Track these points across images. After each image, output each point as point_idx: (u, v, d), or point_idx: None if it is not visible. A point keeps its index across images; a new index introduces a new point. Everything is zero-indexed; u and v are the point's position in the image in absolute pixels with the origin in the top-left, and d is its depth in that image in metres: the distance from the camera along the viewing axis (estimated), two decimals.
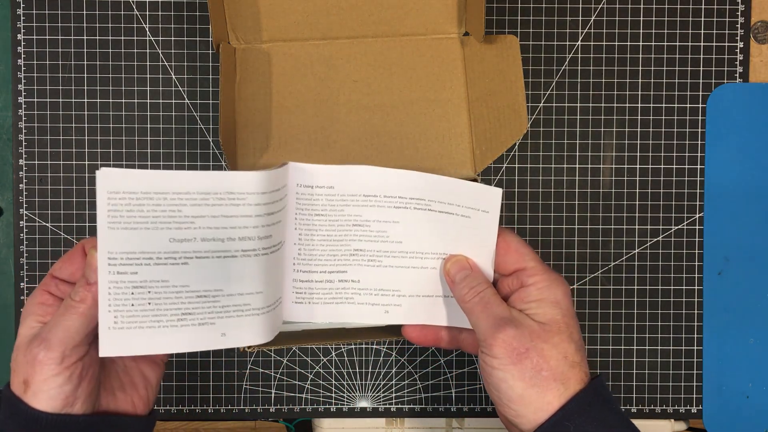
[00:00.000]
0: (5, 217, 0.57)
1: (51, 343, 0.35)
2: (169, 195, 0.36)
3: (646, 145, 0.57)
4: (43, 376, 0.35)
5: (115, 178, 0.35)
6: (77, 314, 0.36)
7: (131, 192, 0.35)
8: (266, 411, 0.57)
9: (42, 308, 0.38)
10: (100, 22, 0.55)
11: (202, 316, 0.37)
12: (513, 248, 0.41)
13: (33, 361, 0.35)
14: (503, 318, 0.37)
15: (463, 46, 0.49)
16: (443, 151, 0.48)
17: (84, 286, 0.36)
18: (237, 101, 0.49)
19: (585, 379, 0.37)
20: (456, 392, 0.57)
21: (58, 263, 0.39)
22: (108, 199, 0.35)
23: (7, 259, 0.57)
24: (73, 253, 0.39)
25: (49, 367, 0.35)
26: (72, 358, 0.35)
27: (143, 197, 0.35)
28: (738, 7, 0.56)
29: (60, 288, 0.38)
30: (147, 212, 0.36)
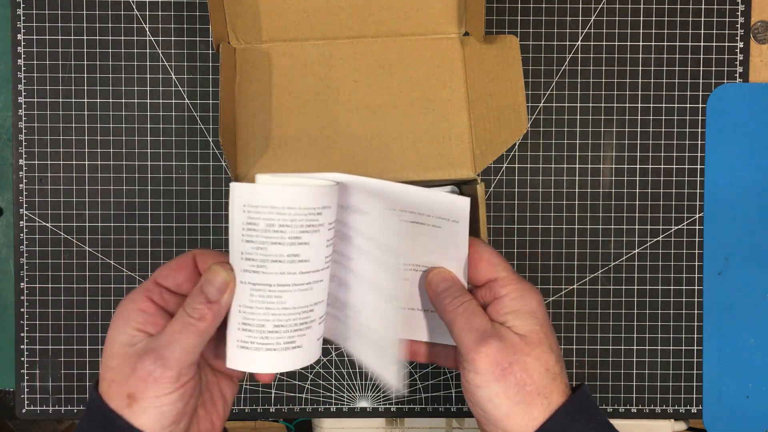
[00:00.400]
0: (5, 217, 0.57)
1: (168, 361, 0.33)
2: (302, 210, 0.34)
3: (646, 145, 0.57)
4: (158, 393, 0.33)
5: (252, 193, 0.34)
6: (196, 332, 0.34)
7: (265, 207, 0.34)
8: (266, 411, 0.57)
9: (142, 316, 0.35)
10: (100, 22, 0.55)
11: (315, 330, 0.37)
12: (485, 258, 0.39)
13: (147, 377, 0.33)
14: (486, 331, 0.36)
15: (463, 46, 0.49)
16: (443, 151, 0.48)
17: (204, 303, 0.34)
18: (237, 101, 0.49)
19: (566, 391, 0.37)
20: (456, 392, 0.57)
21: (163, 269, 0.37)
22: (244, 213, 0.34)
23: (7, 259, 0.57)
24: (182, 263, 0.37)
25: (165, 385, 0.33)
26: (186, 377, 0.34)
27: (276, 212, 0.34)
28: (738, 7, 0.56)
29: (164, 297, 0.37)
30: (281, 228, 0.34)
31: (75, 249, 0.56)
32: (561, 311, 0.57)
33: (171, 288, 0.37)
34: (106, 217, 0.56)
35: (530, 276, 0.57)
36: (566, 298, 0.57)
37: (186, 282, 0.37)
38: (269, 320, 0.35)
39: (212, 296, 0.34)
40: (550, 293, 0.57)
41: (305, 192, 0.34)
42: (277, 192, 0.34)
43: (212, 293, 0.34)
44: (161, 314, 0.36)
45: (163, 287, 0.37)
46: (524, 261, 0.57)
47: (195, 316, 0.34)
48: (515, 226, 0.57)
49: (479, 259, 0.39)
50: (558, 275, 0.57)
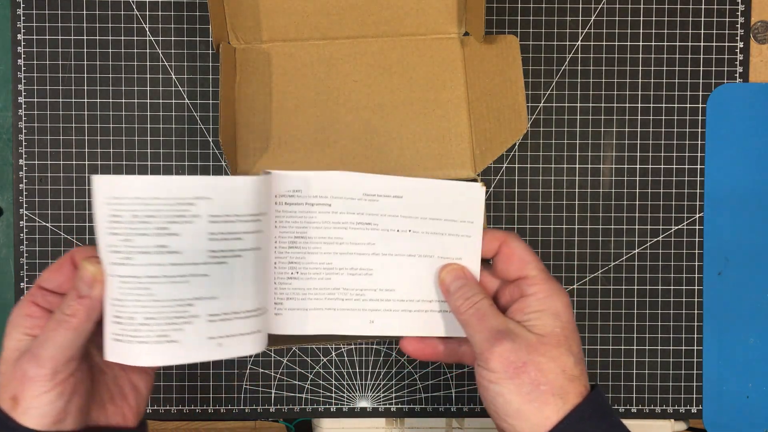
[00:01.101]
0: (5, 217, 0.57)
1: (42, 359, 0.34)
2: (168, 200, 0.34)
3: (646, 145, 0.57)
4: (34, 392, 0.34)
5: (113, 184, 0.34)
6: (69, 329, 0.34)
7: (127, 198, 0.34)
8: (266, 411, 0.57)
9: (29, 320, 0.36)
10: (100, 22, 0.55)
11: (200, 327, 0.36)
12: (516, 255, 0.39)
13: (23, 377, 0.34)
14: (500, 330, 0.36)
15: (463, 46, 0.49)
16: (443, 151, 0.48)
17: (76, 299, 0.35)
18: (237, 101, 0.49)
19: (584, 392, 0.36)
20: (456, 392, 0.57)
21: (45, 273, 0.37)
22: (107, 205, 0.34)
23: (7, 259, 0.57)
24: (61, 264, 0.37)
25: (40, 383, 0.34)
26: (63, 373, 0.34)
27: (139, 203, 0.34)
28: (738, 7, 0.56)
29: (48, 299, 0.37)
30: (146, 219, 0.34)
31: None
32: None
33: (53, 290, 0.37)
34: None
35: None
36: None
37: (67, 282, 0.37)
38: (139, 312, 0.35)
39: (83, 291, 0.35)
40: None
41: (170, 181, 0.34)
42: (139, 182, 0.34)
43: (82, 288, 0.35)
44: (47, 317, 0.36)
45: (47, 290, 0.37)
46: None
47: (68, 313, 0.34)
48: (515, 226, 0.57)
49: (511, 256, 0.39)
50: (558, 275, 0.57)
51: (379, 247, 0.40)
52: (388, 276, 0.41)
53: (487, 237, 0.40)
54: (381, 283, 0.41)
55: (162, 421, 0.58)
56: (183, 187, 0.34)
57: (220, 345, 0.37)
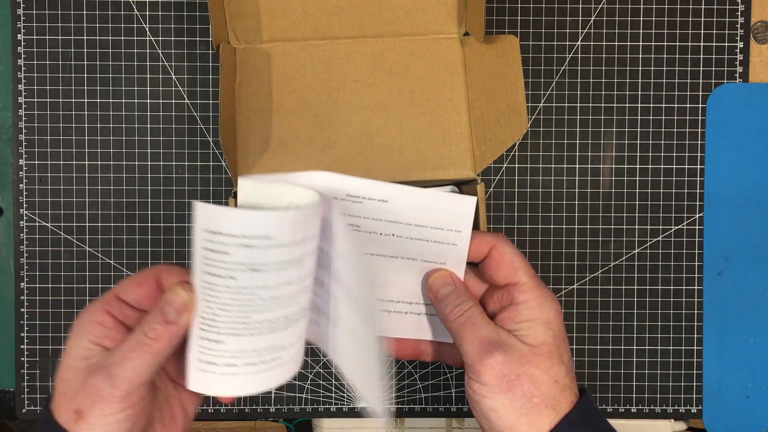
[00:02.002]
0: (5, 217, 0.57)
1: (118, 379, 0.32)
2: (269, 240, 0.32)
3: (646, 145, 0.57)
4: (104, 412, 0.33)
5: (215, 216, 0.32)
6: (150, 353, 0.33)
7: (219, 232, 0.32)
8: (266, 411, 0.57)
9: (100, 329, 0.35)
10: (100, 22, 0.55)
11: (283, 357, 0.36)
12: (507, 260, 0.38)
13: (95, 394, 0.33)
14: (491, 342, 0.36)
15: (463, 46, 0.49)
16: (443, 151, 0.48)
17: (162, 324, 0.33)
18: (237, 101, 0.49)
19: (574, 400, 0.36)
20: (456, 392, 0.57)
21: (125, 284, 0.36)
22: (205, 240, 0.32)
23: (7, 259, 0.57)
24: (143, 278, 0.36)
25: (112, 404, 0.33)
26: (135, 397, 0.33)
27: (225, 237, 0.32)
28: (738, 7, 0.56)
29: (123, 311, 0.35)
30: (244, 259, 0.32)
31: (75, 249, 0.56)
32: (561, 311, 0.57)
33: (131, 303, 0.36)
34: (106, 217, 0.56)
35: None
36: (566, 298, 0.57)
37: (147, 298, 0.36)
38: (231, 342, 0.34)
39: (170, 317, 0.33)
40: None
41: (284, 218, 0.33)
42: (252, 218, 0.32)
43: (170, 314, 0.33)
44: (119, 329, 0.35)
45: (124, 302, 0.36)
46: None
47: (151, 336, 0.33)
48: (515, 226, 0.57)
49: (501, 261, 0.38)
50: (558, 275, 0.57)
51: (362, 248, 0.39)
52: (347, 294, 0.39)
53: (476, 240, 0.39)
54: (342, 300, 0.40)
55: None
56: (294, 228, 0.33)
57: (296, 363, 0.37)
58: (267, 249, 0.32)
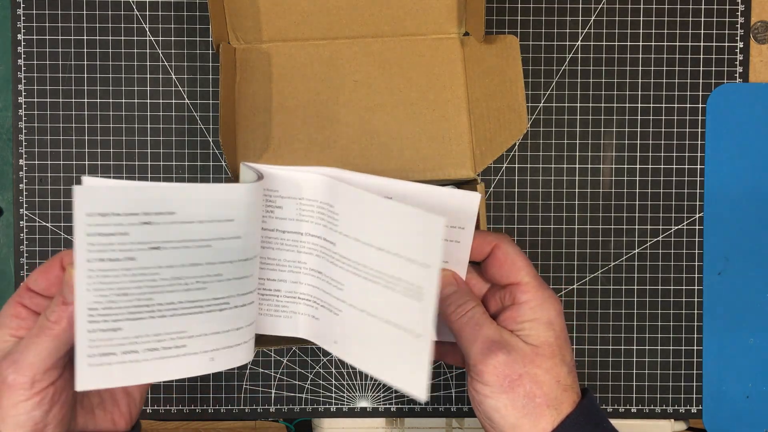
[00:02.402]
0: (5, 217, 0.57)
1: (21, 365, 0.32)
2: (153, 213, 0.32)
3: (646, 145, 0.57)
4: (11, 401, 0.32)
5: (96, 195, 0.32)
6: (51, 336, 0.33)
7: (112, 212, 0.32)
8: (266, 411, 0.57)
9: (15, 321, 0.35)
10: (100, 22, 0.55)
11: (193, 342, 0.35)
12: (509, 260, 0.38)
13: (2, 383, 0.32)
14: (494, 342, 0.35)
15: (463, 46, 0.49)
16: (443, 151, 0.48)
17: (60, 305, 0.33)
18: (237, 101, 0.49)
19: (576, 400, 0.36)
20: (456, 392, 0.57)
21: (33, 274, 0.36)
22: (87, 217, 0.32)
23: (7, 259, 0.57)
24: (49, 266, 0.36)
25: (18, 392, 0.32)
26: (43, 382, 0.33)
27: (122, 218, 0.32)
28: (738, 7, 0.56)
29: (34, 301, 0.36)
30: (129, 232, 0.32)
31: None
32: None
33: (41, 292, 0.36)
34: None
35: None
36: (566, 298, 0.57)
37: (54, 285, 0.36)
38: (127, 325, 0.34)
39: (68, 297, 0.33)
40: None
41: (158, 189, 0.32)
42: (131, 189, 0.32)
43: (68, 294, 0.33)
44: (34, 319, 0.35)
45: (34, 292, 0.36)
46: None
47: (51, 319, 0.33)
48: (515, 226, 0.57)
49: (504, 260, 0.38)
50: (558, 275, 0.57)
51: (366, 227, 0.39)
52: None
53: (479, 239, 0.39)
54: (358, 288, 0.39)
55: (162, 421, 0.58)
56: (168, 193, 0.33)
57: (213, 360, 0.36)
58: (169, 225, 0.32)
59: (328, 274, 0.40)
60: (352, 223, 0.38)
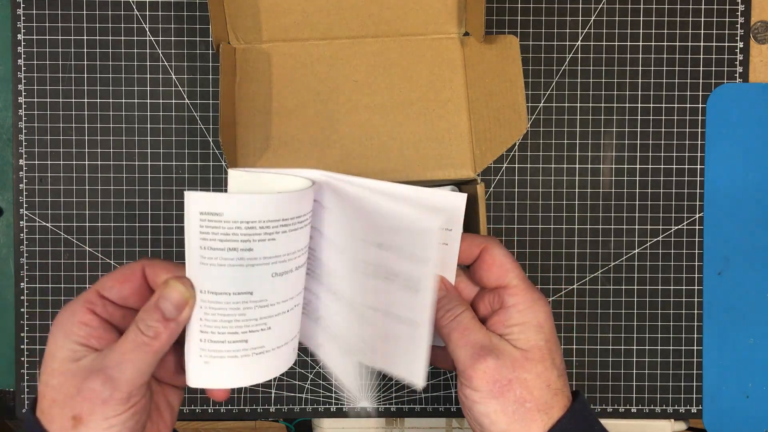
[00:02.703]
0: (5, 217, 0.57)
1: (119, 383, 0.32)
2: (262, 222, 0.33)
3: (646, 145, 0.57)
4: (106, 415, 0.32)
5: (208, 202, 0.32)
6: (150, 352, 0.32)
7: (225, 220, 0.32)
8: (266, 411, 0.57)
9: (85, 329, 0.33)
10: (100, 22, 0.55)
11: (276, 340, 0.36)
12: (497, 263, 0.37)
13: (94, 398, 0.31)
14: (483, 347, 0.35)
15: (463, 46, 0.49)
16: (443, 152, 0.48)
17: (161, 321, 0.32)
18: (237, 101, 0.49)
19: (567, 404, 0.36)
20: (456, 392, 0.57)
21: (107, 280, 0.35)
22: (200, 225, 0.32)
23: (7, 259, 0.57)
24: (129, 274, 0.35)
25: (113, 407, 0.32)
26: (137, 397, 0.32)
27: (235, 225, 0.32)
28: (738, 7, 0.56)
29: (108, 310, 0.34)
30: (242, 240, 0.33)
31: (75, 249, 0.56)
32: (561, 311, 0.57)
33: (115, 300, 0.35)
34: (106, 217, 0.56)
35: (530, 276, 0.57)
36: (566, 298, 0.57)
37: (133, 295, 0.35)
38: (232, 333, 0.34)
39: (169, 314, 0.32)
40: (550, 293, 0.57)
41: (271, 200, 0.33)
42: (249, 200, 0.33)
43: (169, 310, 0.32)
44: (105, 327, 0.34)
45: (107, 299, 0.35)
46: (524, 261, 0.57)
47: (149, 335, 0.32)
48: (515, 226, 0.57)
49: (492, 263, 0.37)
50: (558, 275, 0.57)
51: (354, 234, 0.39)
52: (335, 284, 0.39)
53: (467, 242, 0.38)
54: (329, 293, 0.40)
55: None
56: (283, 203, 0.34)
57: (294, 349, 0.37)
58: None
59: (317, 273, 0.40)
60: (346, 221, 0.38)
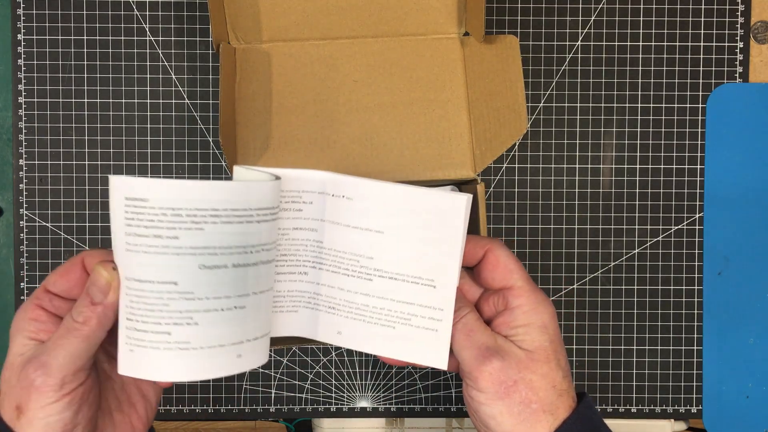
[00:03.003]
0: (5, 217, 0.57)
1: (50, 368, 0.32)
2: (189, 210, 0.33)
3: (646, 145, 0.57)
4: (41, 403, 0.32)
5: (133, 187, 0.32)
6: (80, 337, 0.33)
7: (150, 206, 0.32)
8: (266, 411, 0.57)
9: (34, 324, 0.34)
10: (100, 22, 0.55)
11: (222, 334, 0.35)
12: (501, 264, 0.37)
13: (29, 386, 0.32)
14: (488, 348, 0.35)
15: (463, 46, 0.49)
16: (443, 151, 0.48)
17: (88, 306, 0.33)
18: (237, 101, 0.49)
19: (572, 405, 0.36)
20: (456, 392, 0.57)
21: (52, 276, 0.36)
22: (125, 210, 0.32)
23: (7, 259, 0.57)
24: (70, 267, 0.35)
25: (48, 394, 0.32)
26: (73, 383, 0.33)
27: (160, 212, 0.32)
28: (738, 7, 0.56)
29: (54, 304, 0.35)
30: (167, 228, 0.32)
31: (75, 249, 0.56)
32: (561, 311, 0.57)
33: (61, 294, 0.35)
34: (106, 217, 0.56)
35: (530, 276, 0.57)
36: (566, 298, 0.57)
37: (76, 287, 0.35)
38: (159, 320, 0.34)
39: (96, 298, 0.33)
40: (550, 293, 0.57)
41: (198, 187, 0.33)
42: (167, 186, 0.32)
43: (95, 294, 0.33)
44: (53, 321, 0.35)
45: (53, 294, 0.35)
46: (524, 261, 0.57)
47: (79, 320, 0.33)
48: (515, 226, 0.57)
49: (496, 264, 0.37)
50: (558, 275, 0.57)
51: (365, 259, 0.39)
52: None
53: (471, 244, 0.38)
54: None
55: (162, 421, 0.58)
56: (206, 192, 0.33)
57: (240, 356, 0.36)
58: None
59: (326, 264, 0.40)
60: (364, 214, 0.38)
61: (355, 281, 0.39)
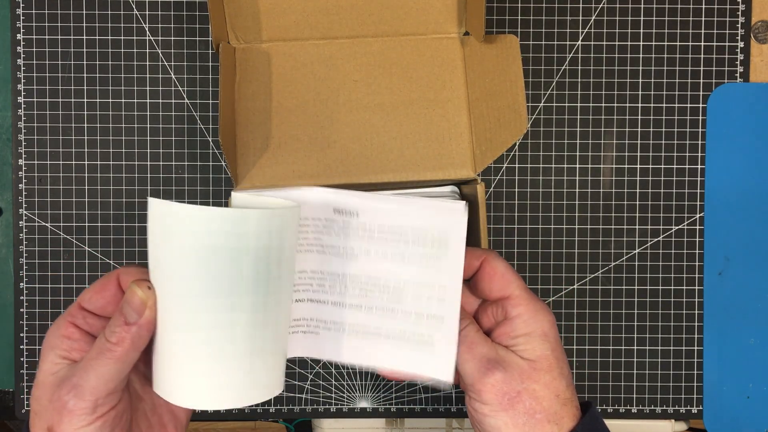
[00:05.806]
0: (5, 217, 0.57)
1: (83, 390, 0.32)
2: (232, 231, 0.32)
3: (646, 145, 0.57)
4: (73, 426, 0.32)
5: (172, 211, 0.32)
6: (112, 359, 0.32)
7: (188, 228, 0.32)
8: (266, 411, 0.57)
9: (67, 342, 0.34)
10: (100, 22, 0.55)
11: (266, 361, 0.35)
12: (499, 274, 0.37)
13: (61, 408, 0.32)
14: (490, 360, 0.35)
15: (463, 46, 0.49)
16: (443, 151, 0.48)
17: (121, 326, 0.32)
18: (237, 101, 0.49)
19: (577, 414, 0.36)
20: (456, 392, 0.57)
21: (87, 293, 0.35)
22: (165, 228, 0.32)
23: (7, 259, 0.57)
24: (105, 284, 0.35)
25: (81, 417, 0.32)
26: (105, 406, 0.32)
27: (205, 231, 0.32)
28: (738, 7, 0.56)
29: (88, 321, 0.35)
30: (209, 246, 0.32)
31: (75, 249, 0.56)
32: (561, 311, 0.57)
33: (95, 311, 0.35)
34: (106, 217, 0.56)
35: (530, 276, 0.57)
36: (566, 298, 0.57)
37: (110, 304, 0.35)
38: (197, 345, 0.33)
39: (130, 318, 0.32)
40: (550, 293, 0.57)
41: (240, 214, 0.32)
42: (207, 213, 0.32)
43: (129, 314, 0.32)
44: (86, 340, 0.34)
45: (88, 311, 0.35)
46: (524, 261, 0.57)
47: (112, 341, 0.32)
48: (515, 226, 0.57)
49: (493, 275, 0.37)
50: (558, 275, 0.57)
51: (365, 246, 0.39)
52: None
53: (467, 255, 0.38)
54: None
55: None
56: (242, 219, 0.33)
57: (271, 383, 0.36)
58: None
59: (334, 280, 0.40)
60: (364, 231, 0.38)
61: (357, 299, 0.39)
